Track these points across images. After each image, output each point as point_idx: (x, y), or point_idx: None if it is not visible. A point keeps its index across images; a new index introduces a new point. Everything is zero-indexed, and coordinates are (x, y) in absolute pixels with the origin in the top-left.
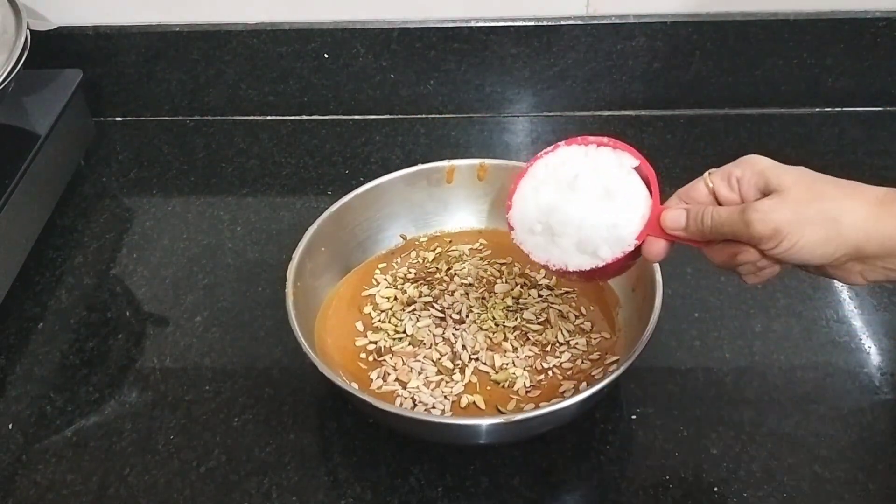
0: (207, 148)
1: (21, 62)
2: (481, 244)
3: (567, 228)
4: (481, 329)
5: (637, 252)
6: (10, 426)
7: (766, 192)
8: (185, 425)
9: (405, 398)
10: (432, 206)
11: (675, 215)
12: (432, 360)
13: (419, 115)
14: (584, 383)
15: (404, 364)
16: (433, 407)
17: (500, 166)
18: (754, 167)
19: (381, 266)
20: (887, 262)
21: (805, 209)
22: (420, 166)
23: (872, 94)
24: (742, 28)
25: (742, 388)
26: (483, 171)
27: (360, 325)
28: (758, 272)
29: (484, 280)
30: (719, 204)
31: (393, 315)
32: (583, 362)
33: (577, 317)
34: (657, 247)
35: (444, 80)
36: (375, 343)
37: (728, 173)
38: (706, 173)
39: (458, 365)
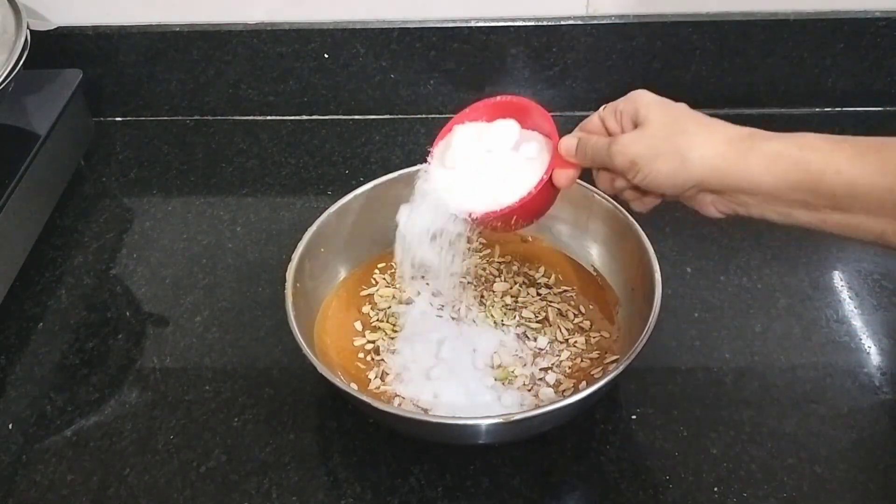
0: (207, 148)
1: (21, 62)
2: (480, 244)
3: (484, 178)
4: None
5: (550, 184)
6: (10, 426)
7: (636, 125)
8: (185, 425)
9: (403, 398)
10: None
11: (568, 143)
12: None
13: (419, 115)
14: (584, 382)
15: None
16: (432, 408)
17: None
18: (635, 101)
19: (380, 266)
20: (732, 197)
21: (659, 144)
22: (419, 166)
23: (872, 94)
24: (742, 28)
25: (742, 388)
26: None
27: (358, 325)
28: (641, 199)
29: (483, 279)
30: (609, 134)
31: (391, 314)
32: (582, 361)
33: (576, 315)
34: (564, 175)
35: (444, 80)
36: (373, 342)
37: (615, 106)
38: (602, 107)
39: None
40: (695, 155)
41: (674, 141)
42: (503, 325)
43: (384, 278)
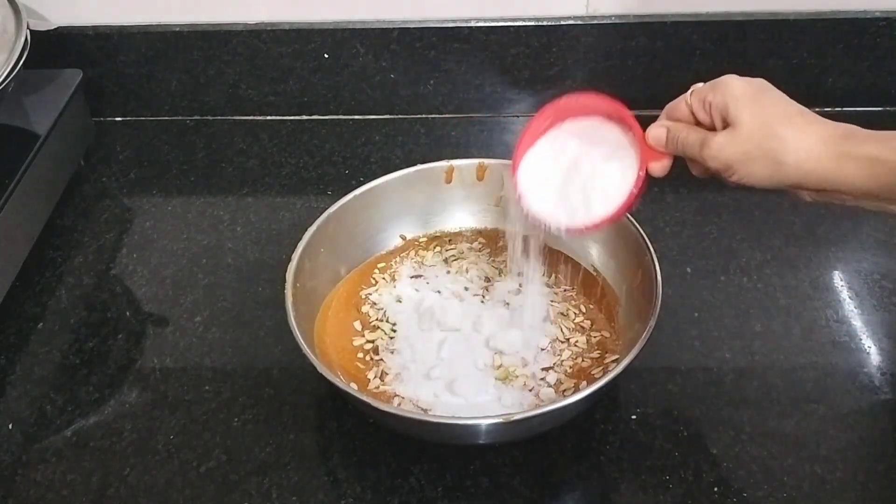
0: (207, 148)
1: (21, 62)
2: (480, 243)
3: (576, 187)
4: None
5: (644, 181)
6: (10, 426)
7: (726, 123)
8: (185, 425)
9: (403, 398)
10: (431, 206)
11: (657, 133)
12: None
13: (419, 115)
14: (584, 382)
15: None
16: (431, 407)
17: (499, 166)
18: (724, 93)
19: (380, 266)
20: (828, 196)
21: (752, 149)
22: (419, 166)
23: (872, 94)
24: (742, 28)
25: (742, 388)
26: (482, 170)
27: (357, 325)
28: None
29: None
30: (698, 123)
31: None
32: (583, 360)
33: (576, 315)
34: (658, 166)
35: (444, 80)
36: (372, 342)
37: (703, 95)
38: (690, 90)
39: None
40: (790, 160)
41: (767, 146)
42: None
43: (384, 278)
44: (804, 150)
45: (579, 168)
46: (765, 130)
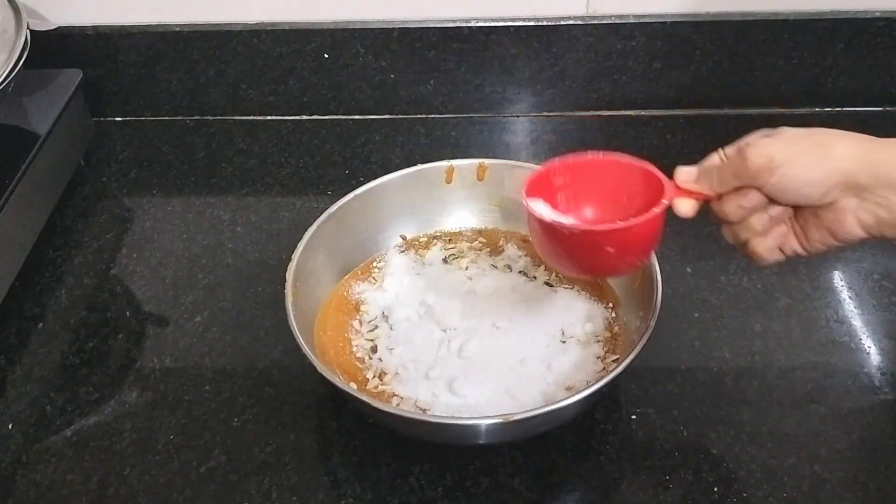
0: (207, 148)
1: (21, 62)
2: (480, 243)
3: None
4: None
5: (662, 216)
6: (10, 426)
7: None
8: (185, 425)
9: (402, 398)
10: (432, 206)
11: (687, 170)
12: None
13: (419, 115)
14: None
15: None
16: (430, 407)
17: (499, 166)
18: (762, 134)
19: (379, 265)
20: (879, 195)
21: (798, 141)
22: (420, 166)
23: (872, 94)
24: (742, 28)
25: (742, 388)
26: (483, 170)
27: (357, 324)
28: (767, 232)
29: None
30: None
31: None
32: None
33: None
34: (685, 203)
35: (444, 80)
36: (371, 341)
37: (738, 144)
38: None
39: None
40: (838, 146)
41: (814, 137)
42: None
43: (383, 277)
44: (852, 140)
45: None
46: (809, 131)
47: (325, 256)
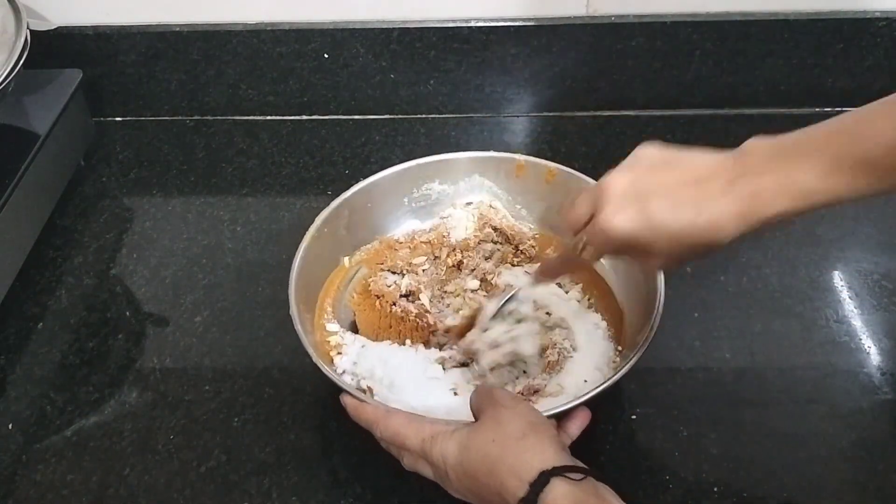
0: (207, 148)
1: (21, 62)
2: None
3: None
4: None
5: None
6: (10, 426)
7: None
8: (185, 425)
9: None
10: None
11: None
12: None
13: (419, 115)
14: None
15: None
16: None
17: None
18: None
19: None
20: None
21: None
22: (412, 162)
23: (872, 94)
24: (742, 28)
25: (742, 388)
26: (552, 175)
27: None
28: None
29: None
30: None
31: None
32: None
33: None
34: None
35: (444, 80)
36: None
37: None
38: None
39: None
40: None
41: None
42: None
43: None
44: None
45: None
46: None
47: (328, 252)
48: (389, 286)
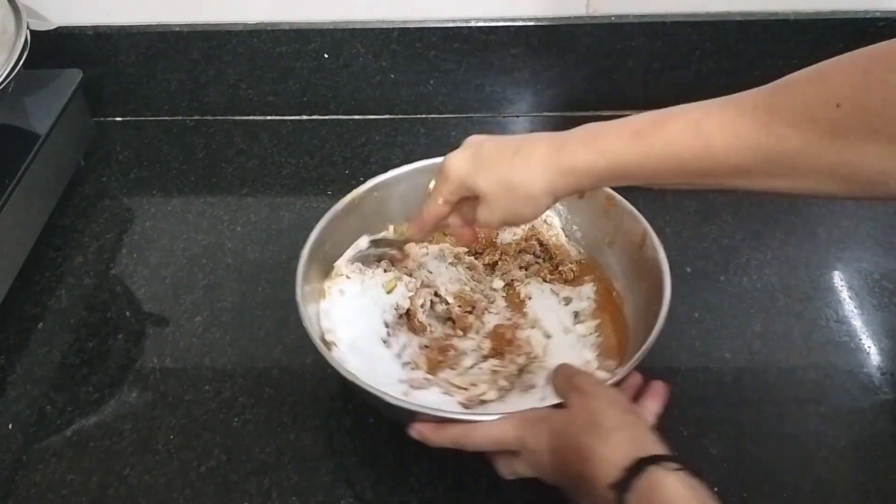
0: (207, 148)
1: (21, 62)
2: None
3: None
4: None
5: None
6: (10, 426)
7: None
8: (185, 425)
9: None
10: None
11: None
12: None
13: (419, 115)
14: None
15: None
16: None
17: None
18: (450, 178)
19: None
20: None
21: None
22: (419, 163)
23: None
24: (742, 28)
25: (742, 388)
26: (609, 202)
27: None
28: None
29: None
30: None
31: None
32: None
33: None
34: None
35: (444, 80)
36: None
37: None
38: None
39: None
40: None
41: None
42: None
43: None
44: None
45: None
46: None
47: (329, 253)
48: None
